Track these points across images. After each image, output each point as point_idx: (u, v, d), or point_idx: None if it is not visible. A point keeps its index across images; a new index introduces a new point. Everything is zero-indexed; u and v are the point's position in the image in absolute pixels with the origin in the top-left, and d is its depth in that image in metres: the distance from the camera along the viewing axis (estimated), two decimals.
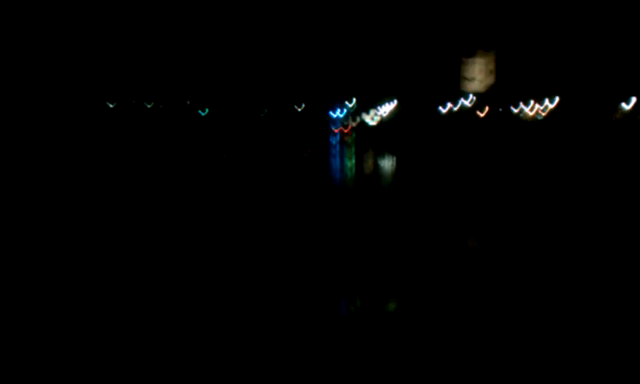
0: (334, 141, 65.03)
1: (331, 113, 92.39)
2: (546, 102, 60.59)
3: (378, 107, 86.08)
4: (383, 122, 79.49)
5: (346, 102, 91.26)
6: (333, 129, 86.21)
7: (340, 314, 7.10)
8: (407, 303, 7.20)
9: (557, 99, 60.84)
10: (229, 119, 75.82)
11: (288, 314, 7.24)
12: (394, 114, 76.56)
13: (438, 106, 65.47)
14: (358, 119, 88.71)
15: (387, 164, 37.53)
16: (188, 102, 75.18)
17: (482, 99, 64.75)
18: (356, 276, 9.69)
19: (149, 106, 74.43)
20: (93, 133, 47.94)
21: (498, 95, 62.47)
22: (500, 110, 62.42)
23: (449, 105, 66.16)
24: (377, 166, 35.93)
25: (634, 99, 51.62)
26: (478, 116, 57.19)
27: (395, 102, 78.48)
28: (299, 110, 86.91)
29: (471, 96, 60.63)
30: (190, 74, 75.28)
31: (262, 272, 10.54)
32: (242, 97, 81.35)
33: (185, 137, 54.32)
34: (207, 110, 74.51)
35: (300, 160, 36.32)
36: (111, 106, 71.80)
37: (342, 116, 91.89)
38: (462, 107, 64.05)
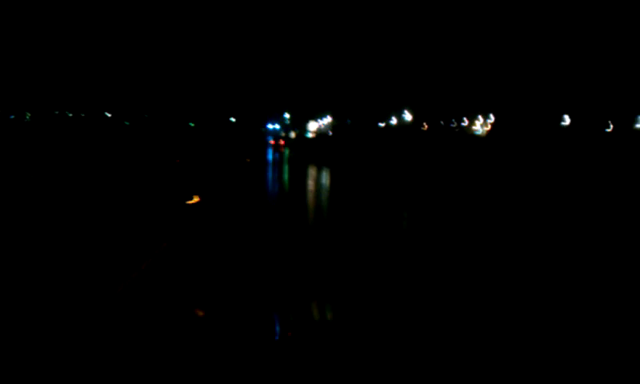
0: (270, 152, 61.96)
1: (268, 125, 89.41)
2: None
3: (316, 121, 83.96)
4: (319, 135, 77.41)
5: (285, 114, 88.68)
6: (269, 141, 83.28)
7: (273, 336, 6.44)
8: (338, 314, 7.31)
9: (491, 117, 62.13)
10: (156, 129, 71.73)
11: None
12: (329, 128, 74.51)
13: (374, 121, 63.77)
14: (295, 132, 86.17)
15: (321, 175, 37.19)
16: (109, 115, 71.20)
17: (420, 114, 63.58)
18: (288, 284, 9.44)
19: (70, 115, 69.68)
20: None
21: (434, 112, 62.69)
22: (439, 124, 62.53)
23: (392, 120, 64.81)
24: (311, 177, 35.33)
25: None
26: (406, 130, 56.71)
27: (329, 117, 76.46)
28: (233, 120, 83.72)
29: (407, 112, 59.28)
30: (126, 87, 71.30)
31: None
32: (172, 107, 77.41)
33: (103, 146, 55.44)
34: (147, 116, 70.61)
35: (235, 170, 36.05)
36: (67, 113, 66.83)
37: (278, 128, 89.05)
38: (402, 122, 62.62)
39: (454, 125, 73.13)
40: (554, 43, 52.82)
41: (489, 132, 67.79)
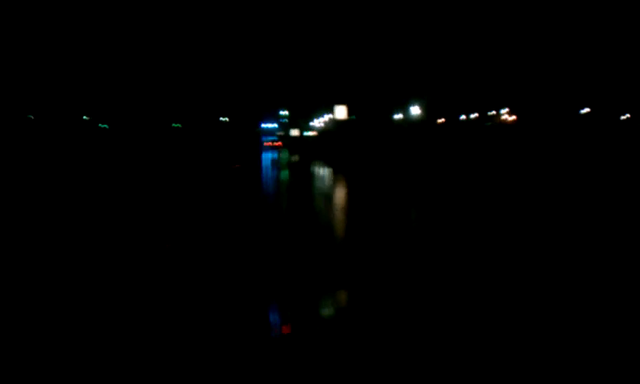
0: (265, 153, 54.80)
1: (263, 125, 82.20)
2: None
3: (313, 120, 76.75)
4: (319, 135, 70.11)
5: (281, 112, 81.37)
6: (264, 141, 76.01)
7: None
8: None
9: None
10: (142, 131, 64.92)
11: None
12: (329, 127, 67.33)
13: (385, 116, 57.41)
14: (293, 132, 79.03)
15: (322, 176, 32.73)
16: (86, 117, 64.55)
17: (432, 109, 58.01)
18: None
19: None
20: None
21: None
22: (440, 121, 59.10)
23: (398, 115, 58.62)
24: (311, 178, 31.40)
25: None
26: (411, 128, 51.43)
27: (326, 117, 69.27)
28: (226, 120, 76.63)
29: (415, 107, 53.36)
30: (118, 89, 64.82)
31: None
32: (163, 107, 70.55)
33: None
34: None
35: (227, 174, 29.40)
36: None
37: (274, 128, 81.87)
38: (409, 117, 56.86)
39: (467, 118, 68.17)
40: (571, 36, 54.10)
41: (511, 124, 63.32)
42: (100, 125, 65.58)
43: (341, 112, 60.58)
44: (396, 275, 9.43)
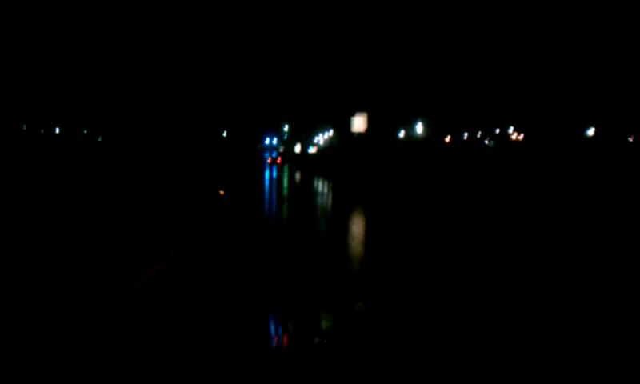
0: (267, 170, 52.57)
1: (265, 141, 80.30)
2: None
3: (316, 136, 74.90)
4: (320, 151, 68.19)
5: (284, 126, 79.46)
6: (266, 158, 74.14)
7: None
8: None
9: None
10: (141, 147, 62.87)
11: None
12: (330, 143, 65.28)
13: (391, 131, 55.50)
14: (295, 147, 77.14)
15: (324, 193, 29.94)
16: (85, 131, 62.77)
17: (438, 126, 56.39)
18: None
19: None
20: None
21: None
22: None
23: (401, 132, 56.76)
24: (313, 194, 28.77)
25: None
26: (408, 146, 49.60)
27: (331, 131, 67.20)
28: (224, 135, 74.74)
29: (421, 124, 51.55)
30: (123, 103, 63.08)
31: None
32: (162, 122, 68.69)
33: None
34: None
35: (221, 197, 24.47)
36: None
37: (275, 144, 80.00)
38: (412, 135, 55.24)
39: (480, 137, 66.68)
40: (579, 54, 52.86)
41: (519, 143, 61.83)
42: (85, 134, 63.66)
43: (360, 123, 49.32)
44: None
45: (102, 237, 12.71)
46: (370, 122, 51.93)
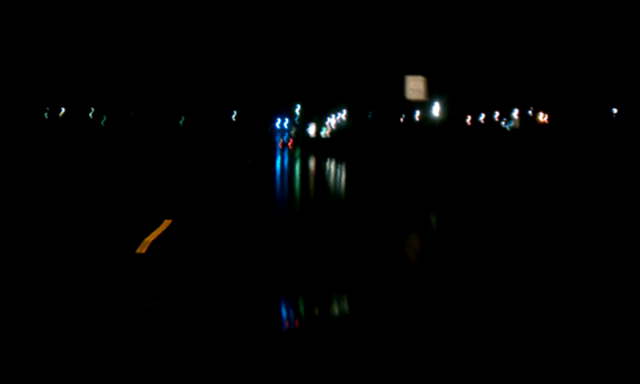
0: (279, 154, 50.73)
1: (276, 124, 78.57)
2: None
3: (328, 117, 73.08)
4: (334, 134, 66.32)
5: (296, 107, 77.71)
6: (277, 141, 72.40)
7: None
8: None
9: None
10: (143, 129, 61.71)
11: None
12: (344, 125, 63.26)
13: (390, 116, 53.55)
14: (308, 129, 75.44)
15: (336, 176, 29.16)
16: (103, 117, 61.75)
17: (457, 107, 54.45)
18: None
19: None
20: None
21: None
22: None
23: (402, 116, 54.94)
24: (326, 179, 27.74)
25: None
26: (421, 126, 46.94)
27: (344, 111, 65.22)
28: (234, 117, 73.33)
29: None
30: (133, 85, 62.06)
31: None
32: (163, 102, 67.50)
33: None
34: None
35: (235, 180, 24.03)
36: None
37: (286, 127, 78.27)
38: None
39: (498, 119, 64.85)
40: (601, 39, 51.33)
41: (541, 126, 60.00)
42: (102, 119, 62.64)
43: (417, 86, 28.43)
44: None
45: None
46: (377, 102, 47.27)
